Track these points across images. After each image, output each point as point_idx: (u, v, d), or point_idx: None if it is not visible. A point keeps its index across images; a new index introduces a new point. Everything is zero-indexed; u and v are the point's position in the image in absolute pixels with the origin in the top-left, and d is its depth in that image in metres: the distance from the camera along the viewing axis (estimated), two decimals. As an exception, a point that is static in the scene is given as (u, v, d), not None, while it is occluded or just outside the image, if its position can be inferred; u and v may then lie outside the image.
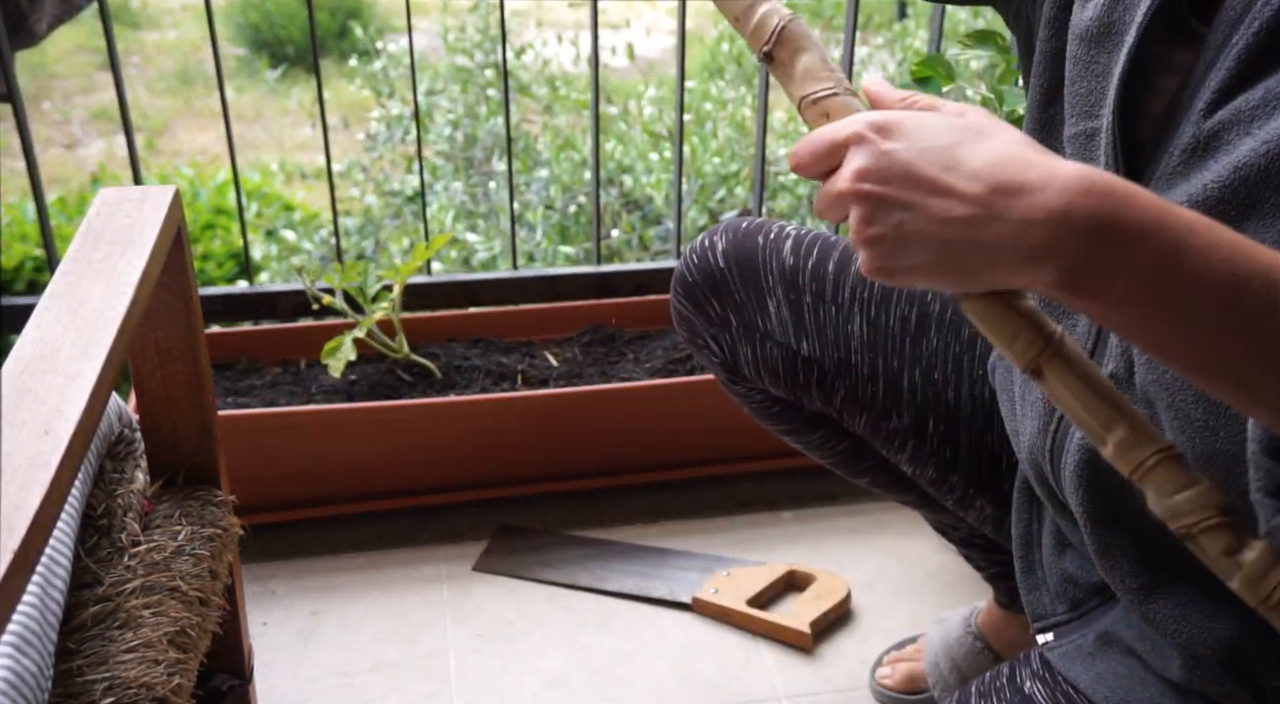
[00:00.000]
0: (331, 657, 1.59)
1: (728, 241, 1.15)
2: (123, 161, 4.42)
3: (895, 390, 1.10)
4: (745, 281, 1.13)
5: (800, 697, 1.53)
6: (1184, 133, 0.72)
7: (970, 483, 1.12)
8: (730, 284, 1.13)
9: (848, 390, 1.12)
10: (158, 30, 6.02)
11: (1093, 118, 0.79)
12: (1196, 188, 0.69)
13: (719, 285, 1.14)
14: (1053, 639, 0.94)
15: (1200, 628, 0.80)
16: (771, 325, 1.12)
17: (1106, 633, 0.90)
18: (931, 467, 1.13)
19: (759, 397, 1.22)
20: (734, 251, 1.14)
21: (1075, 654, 0.91)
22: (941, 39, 1.95)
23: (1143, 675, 0.86)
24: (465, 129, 3.30)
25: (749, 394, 1.23)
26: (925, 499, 1.25)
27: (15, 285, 3.05)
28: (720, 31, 4.26)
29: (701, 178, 3.13)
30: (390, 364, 1.89)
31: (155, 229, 1.01)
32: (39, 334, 0.85)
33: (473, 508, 1.85)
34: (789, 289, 1.12)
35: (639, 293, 2.10)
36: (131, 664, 0.94)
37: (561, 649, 1.60)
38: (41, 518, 0.68)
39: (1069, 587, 0.95)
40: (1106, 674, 0.87)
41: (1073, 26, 0.82)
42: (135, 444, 1.17)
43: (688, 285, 1.17)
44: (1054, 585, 0.97)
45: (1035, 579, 0.98)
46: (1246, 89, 0.68)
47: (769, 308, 1.12)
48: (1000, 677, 0.95)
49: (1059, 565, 0.96)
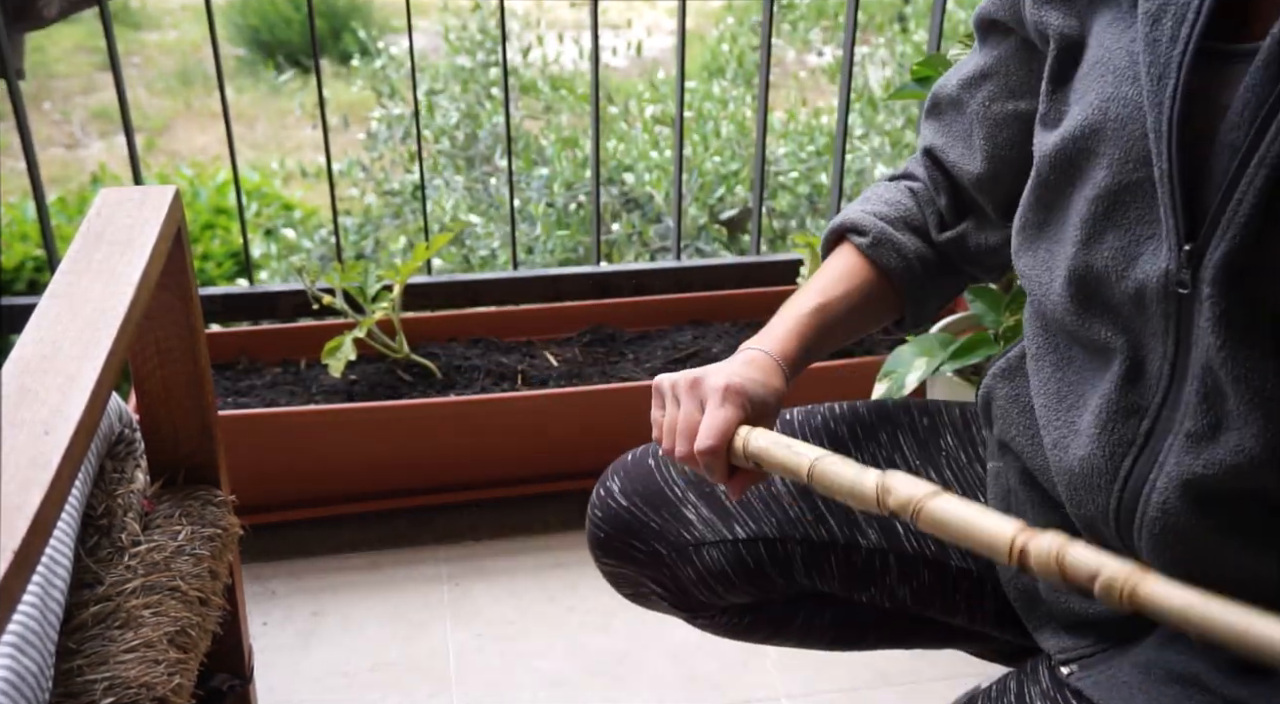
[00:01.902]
0: (331, 657, 1.59)
1: (620, 480, 1.11)
2: (123, 161, 4.41)
3: (849, 517, 1.06)
4: (655, 506, 1.08)
5: (800, 697, 1.53)
6: (1255, 171, 0.72)
7: (968, 556, 1.08)
8: (641, 517, 1.08)
9: (801, 546, 1.07)
10: (158, 30, 6.02)
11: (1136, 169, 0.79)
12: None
13: (631, 525, 1.08)
14: (1078, 670, 0.91)
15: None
16: (699, 532, 1.07)
17: (1148, 662, 0.87)
18: (924, 567, 1.07)
19: (724, 619, 1.16)
20: (631, 485, 1.10)
21: (1111, 685, 0.88)
22: (942, 39, 1.95)
23: (1199, 698, 0.83)
24: (466, 128, 3.30)
25: (715, 621, 1.17)
26: (947, 633, 1.18)
27: (15, 285, 3.05)
28: (720, 31, 4.26)
29: (702, 176, 3.13)
30: (390, 364, 1.89)
31: (155, 229, 1.01)
32: (39, 334, 0.85)
33: (473, 508, 1.85)
34: (699, 488, 1.08)
35: (639, 293, 2.10)
36: (132, 664, 0.94)
37: (561, 649, 1.60)
38: (42, 518, 0.68)
39: (1082, 624, 0.93)
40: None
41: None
42: (135, 444, 1.17)
43: (603, 542, 1.11)
44: (1065, 625, 0.94)
45: (1049, 630, 0.95)
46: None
47: (689, 517, 1.07)
48: (1008, 693, 0.93)
49: (1065, 606, 0.94)
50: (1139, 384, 0.82)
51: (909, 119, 3.32)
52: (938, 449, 1.09)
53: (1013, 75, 0.97)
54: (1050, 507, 0.96)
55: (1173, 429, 0.80)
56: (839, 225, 1.09)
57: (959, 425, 1.11)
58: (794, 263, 2.11)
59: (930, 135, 1.08)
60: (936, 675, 1.57)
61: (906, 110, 3.32)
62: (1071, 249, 0.84)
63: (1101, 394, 0.84)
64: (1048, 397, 0.90)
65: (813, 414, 1.14)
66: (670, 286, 2.11)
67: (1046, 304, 0.88)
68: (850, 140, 3.23)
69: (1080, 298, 0.84)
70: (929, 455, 1.09)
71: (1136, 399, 0.82)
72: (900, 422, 1.12)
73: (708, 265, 2.16)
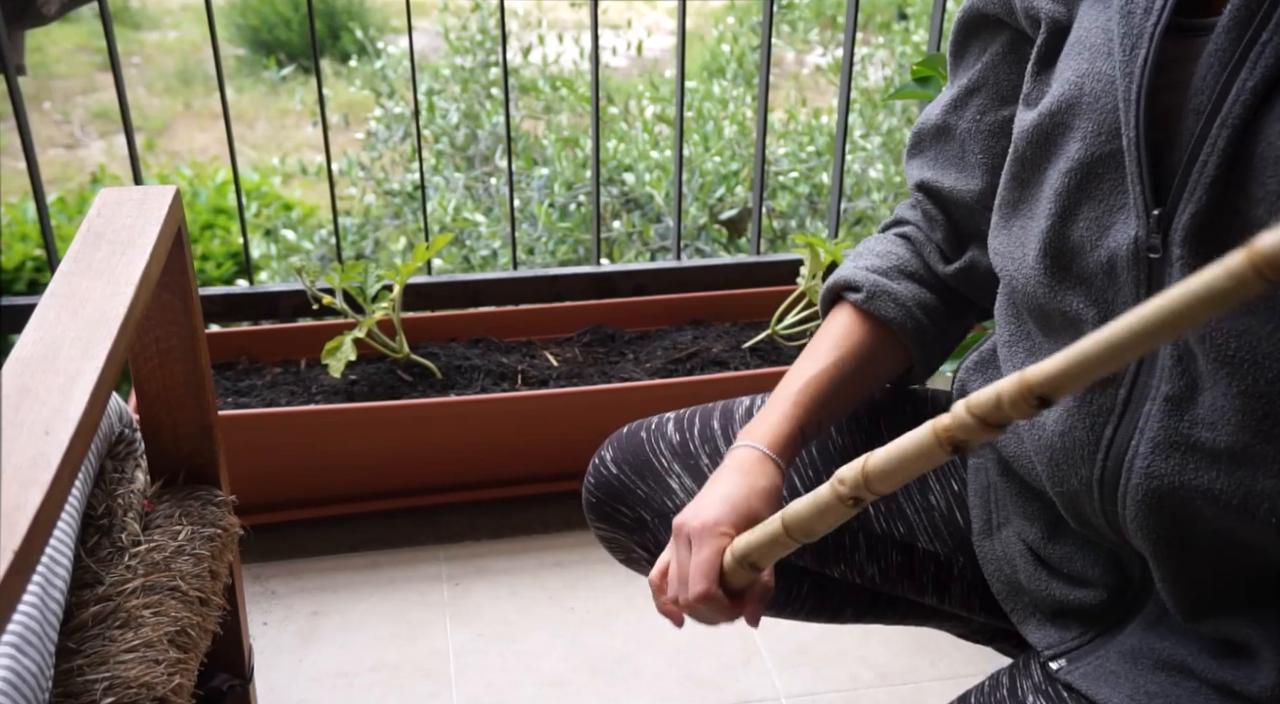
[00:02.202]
0: (331, 657, 1.59)
1: (614, 449, 1.17)
2: (123, 161, 4.42)
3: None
4: (642, 475, 1.13)
5: (800, 697, 1.53)
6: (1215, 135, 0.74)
7: (935, 538, 1.10)
8: (629, 484, 1.13)
9: None
10: (158, 30, 6.02)
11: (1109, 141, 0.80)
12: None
13: (619, 491, 1.14)
14: (1066, 664, 0.93)
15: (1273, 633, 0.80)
16: (680, 499, 1.11)
17: (1134, 650, 0.88)
18: (892, 548, 1.10)
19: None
20: (622, 454, 1.15)
21: (1099, 674, 0.89)
22: (941, 39, 1.95)
23: (1186, 684, 0.85)
24: (466, 128, 3.30)
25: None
26: (923, 611, 1.21)
27: (15, 285, 3.05)
28: (720, 31, 4.27)
29: (703, 176, 3.13)
30: (390, 364, 1.89)
31: (155, 229, 1.01)
32: (39, 334, 0.85)
33: (473, 508, 1.85)
34: (684, 460, 1.13)
35: (639, 293, 2.10)
36: (132, 664, 0.94)
37: (561, 649, 1.60)
38: (42, 518, 0.68)
39: (1065, 612, 0.94)
40: (1138, 694, 0.86)
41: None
42: (135, 444, 1.17)
43: (595, 506, 1.17)
44: (1049, 614, 0.96)
45: (1034, 622, 0.97)
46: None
47: (672, 487, 1.12)
48: (1000, 688, 0.94)
49: (1048, 594, 0.95)
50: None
51: (909, 119, 3.32)
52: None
53: (1003, 81, 0.98)
54: (1030, 495, 0.97)
55: (1150, 394, 0.81)
56: (833, 285, 1.09)
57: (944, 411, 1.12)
58: (794, 263, 2.12)
59: (918, 171, 1.07)
60: (936, 675, 1.57)
61: (907, 110, 3.32)
62: (1045, 223, 0.85)
63: None
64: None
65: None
66: (670, 286, 2.12)
67: (1019, 280, 0.90)
68: (850, 140, 3.23)
69: (1054, 270, 0.86)
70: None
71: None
72: (883, 407, 1.14)
73: (708, 265, 2.16)
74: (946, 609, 1.12)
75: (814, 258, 1.91)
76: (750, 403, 1.16)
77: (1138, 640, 0.89)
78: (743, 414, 1.15)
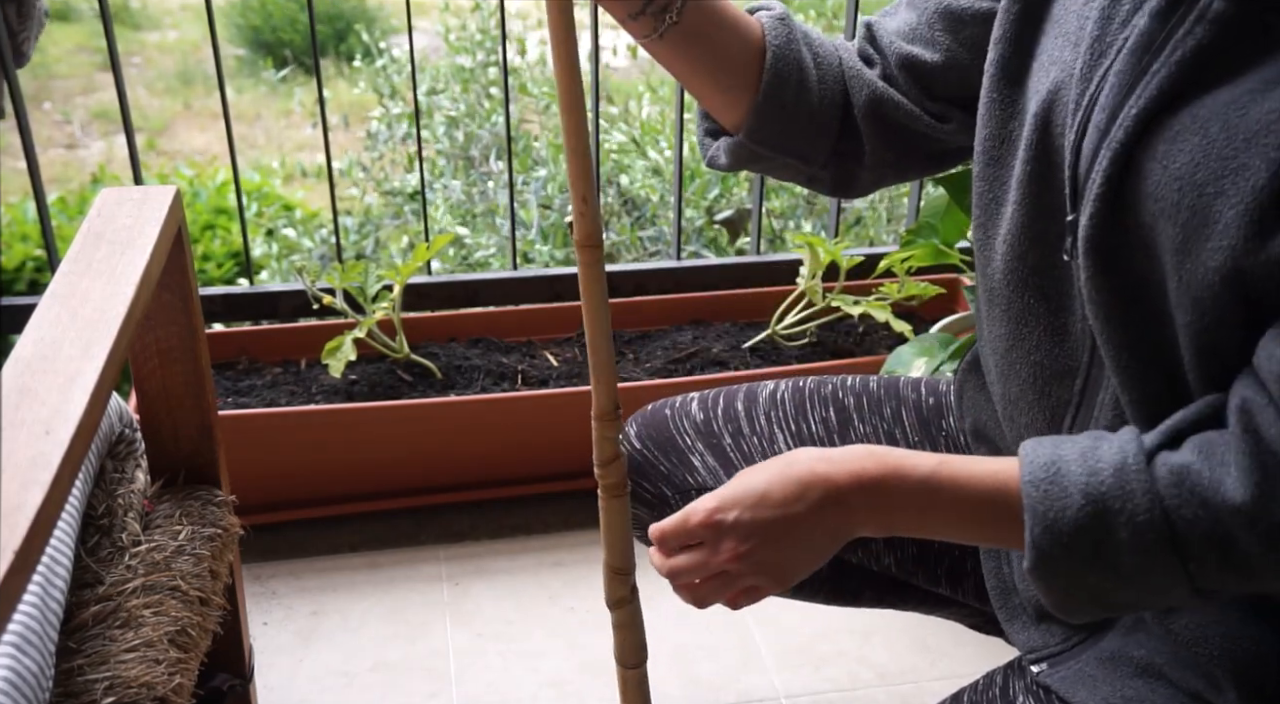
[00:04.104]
0: (331, 657, 1.59)
1: (638, 425, 1.18)
2: (123, 162, 4.41)
3: None
4: (665, 451, 1.14)
5: (800, 696, 1.53)
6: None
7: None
8: (651, 459, 1.14)
9: None
10: (158, 30, 6.02)
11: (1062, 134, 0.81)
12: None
13: (642, 466, 1.14)
14: (1047, 668, 0.93)
15: (1225, 638, 0.81)
16: (702, 477, 1.12)
17: (1112, 655, 0.89)
18: (909, 539, 1.10)
19: None
20: (646, 430, 1.16)
21: (1077, 679, 0.90)
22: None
23: (1162, 690, 0.86)
24: (466, 128, 3.30)
25: None
26: (936, 600, 1.21)
27: (16, 285, 3.05)
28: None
29: (700, 177, 3.12)
30: (390, 364, 1.89)
31: (155, 229, 1.01)
32: (40, 334, 0.85)
33: (473, 508, 1.85)
34: (707, 439, 1.13)
35: (639, 293, 2.10)
36: (132, 664, 0.94)
37: (561, 649, 1.60)
38: (42, 518, 0.68)
39: (1050, 616, 0.94)
40: (1114, 698, 0.87)
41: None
42: (135, 444, 1.17)
43: None
44: (1035, 617, 0.96)
45: (1020, 623, 0.98)
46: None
47: (694, 464, 1.12)
48: (993, 687, 0.95)
49: (1035, 596, 0.95)
50: (1065, 345, 0.85)
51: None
52: (938, 429, 1.12)
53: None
54: None
55: (1103, 384, 0.83)
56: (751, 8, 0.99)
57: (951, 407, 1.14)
58: (793, 262, 2.12)
59: (878, 18, 1.00)
60: (937, 675, 1.57)
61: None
62: (1009, 209, 0.87)
63: (1034, 361, 0.88)
64: (999, 371, 0.94)
65: (824, 383, 1.17)
66: (669, 287, 2.12)
67: (989, 268, 0.91)
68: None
69: (1012, 262, 0.87)
70: (929, 434, 1.12)
71: (1067, 360, 0.86)
72: (906, 398, 1.15)
73: (707, 265, 2.16)
74: (960, 600, 1.14)
75: (813, 257, 1.91)
76: (774, 387, 1.17)
77: (1116, 646, 0.90)
78: (766, 397, 1.15)
